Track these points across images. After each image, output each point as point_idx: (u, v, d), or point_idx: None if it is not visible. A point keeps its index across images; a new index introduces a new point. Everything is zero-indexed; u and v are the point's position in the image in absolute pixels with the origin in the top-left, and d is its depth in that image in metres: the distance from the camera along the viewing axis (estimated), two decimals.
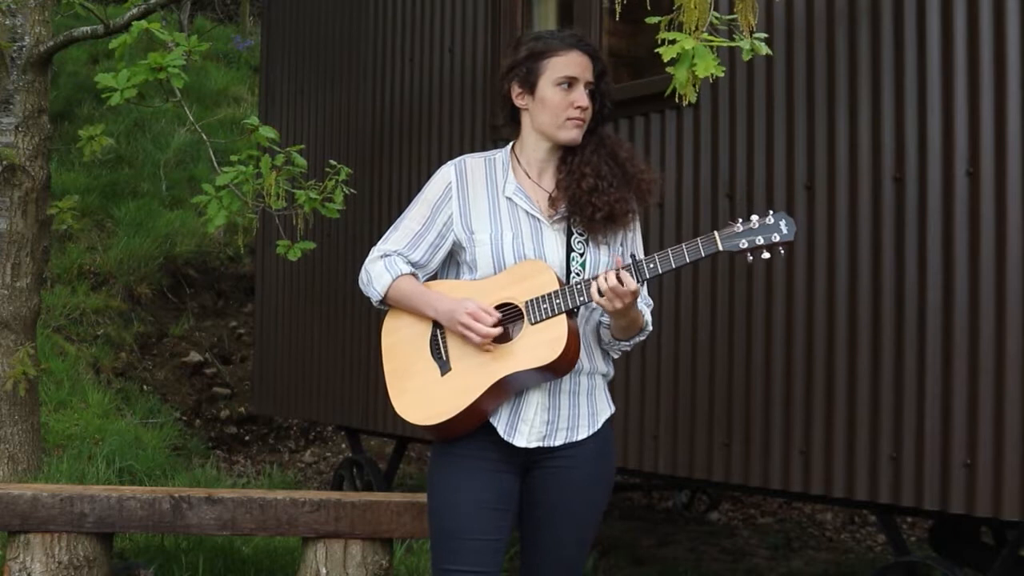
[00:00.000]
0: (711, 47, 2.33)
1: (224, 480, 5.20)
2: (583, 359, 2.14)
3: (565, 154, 2.17)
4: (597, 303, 2.01)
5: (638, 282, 2.00)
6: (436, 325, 2.14)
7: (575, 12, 3.83)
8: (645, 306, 2.19)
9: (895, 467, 2.86)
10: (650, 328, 2.19)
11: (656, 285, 3.52)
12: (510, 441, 2.10)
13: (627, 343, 2.17)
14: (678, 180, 3.47)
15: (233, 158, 3.80)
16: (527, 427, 2.11)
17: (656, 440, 3.48)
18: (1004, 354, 2.68)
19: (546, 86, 2.13)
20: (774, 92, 3.20)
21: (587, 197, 2.11)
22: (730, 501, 5.67)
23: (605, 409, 2.20)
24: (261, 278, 5.51)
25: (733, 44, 2.45)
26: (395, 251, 2.20)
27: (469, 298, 2.09)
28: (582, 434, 2.15)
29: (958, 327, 2.76)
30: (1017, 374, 2.66)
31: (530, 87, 2.15)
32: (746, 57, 2.49)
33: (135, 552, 3.78)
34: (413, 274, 2.18)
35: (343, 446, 6.33)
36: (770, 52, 2.54)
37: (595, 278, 2.02)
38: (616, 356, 2.23)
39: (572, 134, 2.15)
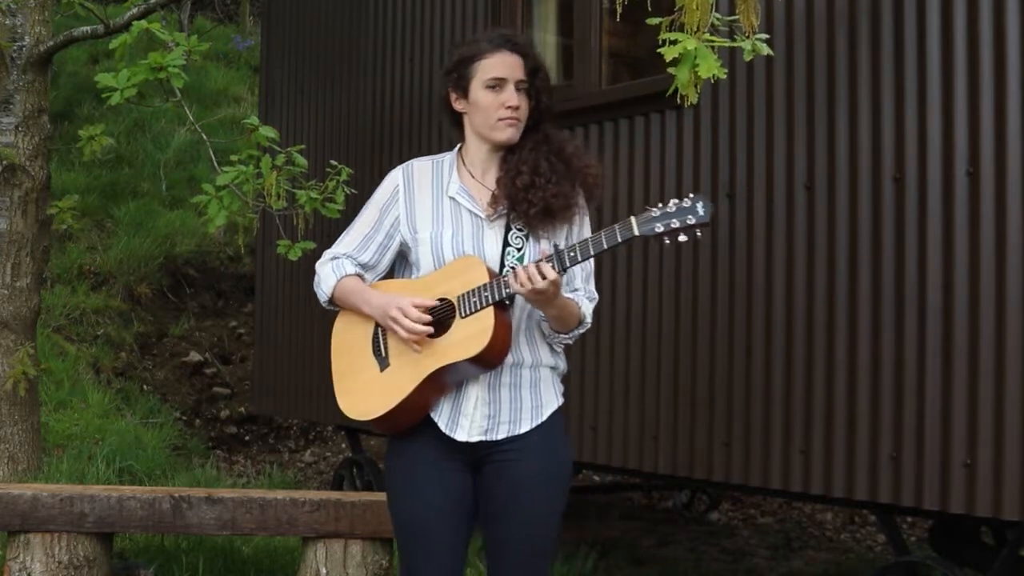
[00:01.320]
0: (713, 47, 2.34)
1: (224, 480, 5.20)
2: (524, 352, 2.17)
3: (506, 153, 2.22)
4: (519, 293, 2.04)
5: (561, 270, 2.02)
6: (378, 324, 2.20)
7: (575, 12, 3.83)
8: (588, 300, 2.22)
9: (895, 467, 2.85)
10: (588, 321, 2.20)
11: (655, 285, 3.52)
12: (451, 436, 2.15)
13: (566, 336, 2.20)
14: (678, 180, 3.47)
15: (233, 158, 3.79)
16: (467, 421, 2.15)
17: (656, 440, 3.48)
18: (1004, 354, 2.68)
19: (477, 89, 2.18)
20: (774, 92, 3.20)
21: (523, 194, 2.15)
22: (730, 501, 5.66)
23: (552, 402, 2.21)
24: (261, 278, 5.50)
25: (735, 44, 2.46)
26: (344, 254, 2.28)
27: (402, 294, 2.15)
28: (525, 427, 2.17)
29: (958, 327, 2.76)
30: (1017, 374, 2.66)
31: (464, 91, 2.21)
32: (747, 58, 2.49)
33: (135, 552, 3.78)
34: (360, 275, 2.26)
35: (343, 446, 6.33)
36: (771, 52, 2.54)
37: (514, 268, 2.06)
38: (559, 350, 2.25)
39: (507, 134, 2.19)
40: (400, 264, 2.30)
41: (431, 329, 2.11)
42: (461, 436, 2.15)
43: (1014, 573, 2.98)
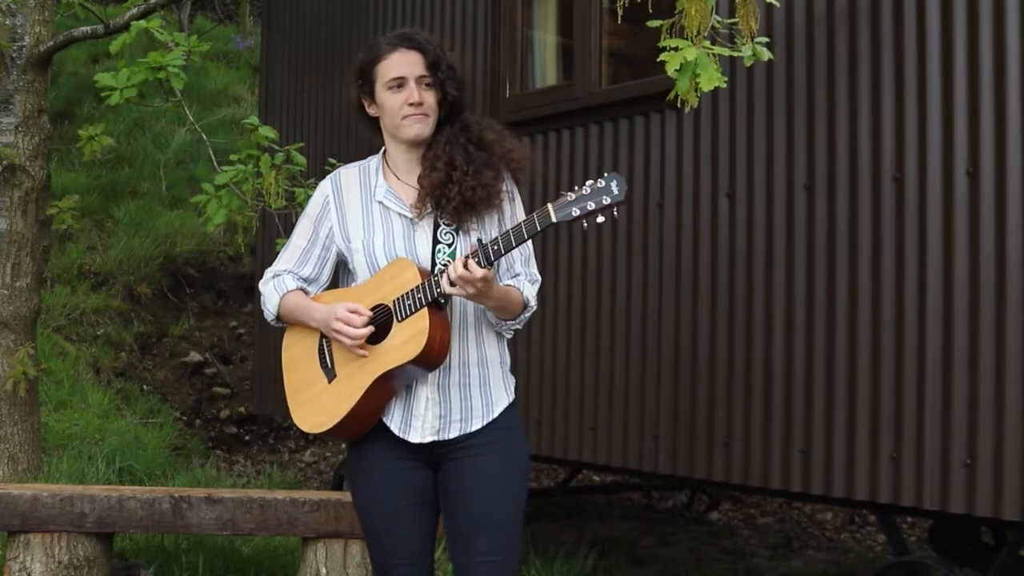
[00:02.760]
0: (713, 55, 2.34)
1: (224, 480, 5.19)
2: (470, 349, 2.18)
3: (426, 150, 2.22)
4: (451, 292, 2.04)
5: (487, 264, 2.02)
6: (323, 336, 2.22)
7: (575, 12, 3.83)
8: (530, 283, 2.21)
9: (895, 467, 2.85)
10: (533, 304, 2.20)
11: (655, 285, 3.51)
12: (404, 438, 2.16)
13: (514, 322, 2.20)
14: (678, 180, 3.47)
15: (233, 157, 3.79)
16: (419, 422, 2.16)
17: (656, 440, 3.48)
18: (1004, 353, 2.68)
19: (381, 92, 2.19)
20: (774, 92, 3.20)
21: (440, 189, 2.15)
22: (730, 501, 5.66)
23: (502, 398, 2.22)
24: (261, 278, 5.49)
25: (736, 54, 2.46)
26: (285, 270, 2.31)
27: (341, 304, 2.15)
28: (476, 425, 2.18)
29: (958, 326, 2.76)
30: (1017, 374, 2.65)
31: (371, 96, 2.22)
32: (747, 63, 2.49)
33: (135, 552, 3.77)
34: (302, 289, 2.28)
35: (343, 446, 6.32)
36: (772, 57, 2.54)
37: (445, 267, 2.06)
38: (509, 336, 2.25)
39: (414, 130, 2.19)
40: (344, 273, 2.31)
41: (371, 329, 2.11)
42: (414, 438, 2.16)
43: (1014, 573, 2.98)
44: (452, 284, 2.03)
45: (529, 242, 2.12)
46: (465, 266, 2.01)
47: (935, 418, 2.79)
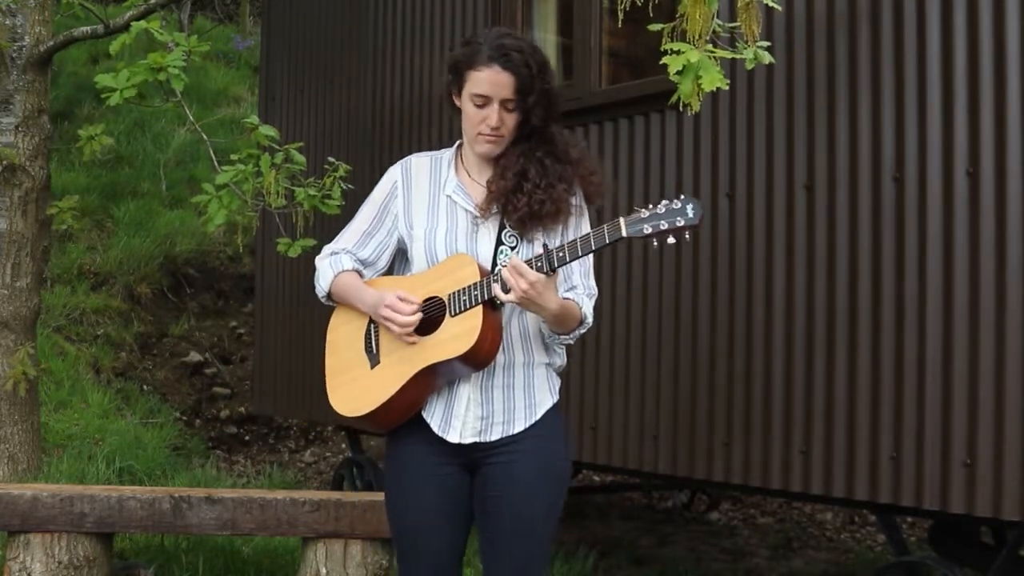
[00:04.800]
0: (715, 58, 2.33)
1: (224, 480, 5.19)
2: (517, 351, 2.15)
3: (499, 155, 2.20)
4: (505, 299, 2.02)
5: (550, 271, 2.00)
6: (371, 321, 2.19)
7: (575, 12, 3.83)
8: (587, 297, 2.19)
9: (895, 467, 2.85)
10: (589, 320, 2.17)
11: (655, 285, 3.51)
12: (444, 437, 2.13)
13: (567, 336, 2.17)
14: (678, 180, 3.46)
15: (233, 157, 3.79)
16: (459, 423, 2.13)
17: (656, 440, 3.48)
18: (1004, 353, 2.67)
19: (465, 98, 2.16)
20: (774, 92, 3.19)
21: (508, 196, 2.14)
22: (730, 501, 5.66)
23: (546, 400, 2.18)
24: (261, 277, 5.49)
25: (737, 56, 2.45)
26: (344, 249, 2.27)
27: (393, 291, 2.13)
28: (519, 427, 2.14)
29: (958, 327, 2.75)
30: (1017, 374, 2.65)
31: (459, 94, 2.19)
32: (749, 67, 2.49)
33: (135, 552, 3.77)
34: (358, 271, 2.25)
35: (343, 446, 6.32)
36: (773, 61, 2.53)
37: (503, 268, 2.04)
38: (560, 350, 2.23)
39: (482, 149, 2.18)
40: (400, 261, 2.29)
41: (420, 316, 2.09)
42: (453, 437, 2.14)
43: (1014, 573, 2.98)
44: (506, 290, 2.00)
45: (591, 255, 2.10)
46: (517, 268, 1.99)
47: (935, 418, 2.78)
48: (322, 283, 2.26)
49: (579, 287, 2.19)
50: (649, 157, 3.56)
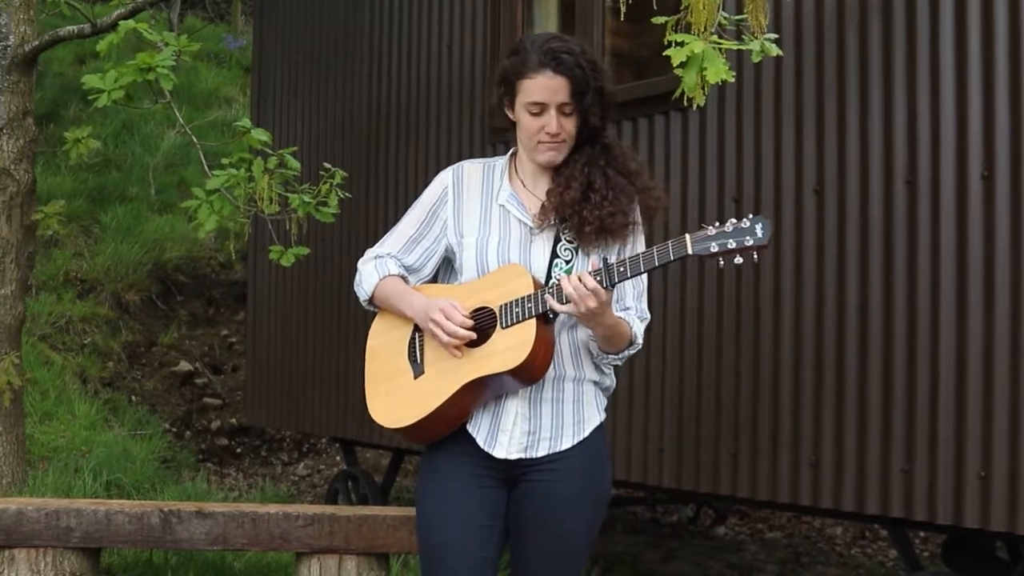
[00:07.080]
0: (720, 50, 2.29)
1: (215, 494, 5.17)
2: (567, 365, 2.11)
3: (560, 165, 2.15)
4: (561, 310, 1.98)
5: (609, 285, 1.96)
6: (416, 328, 2.14)
7: (576, 11, 3.79)
8: (639, 320, 2.15)
9: (907, 480, 2.82)
10: (639, 342, 2.14)
11: (660, 294, 3.45)
12: (490, 452, 2.09)
13: (616, 356, 2.13)
14: (683, 183, 3.43)
15: (224, 161, 3.74)
16: (506, 437, 2.09)
17: (661, 452, 3.44)
18: (1019, 362, 2.64)
19: (520, 108, 2.12)
20: (782, 92, 3.16)
21: (573, 208, 2.10)
22: (737, 515, 5.62)
23: (594, 417, 2.16)
24: (253, 285, 5.45)
25: (744, 47, 2.41)
26: (388, 253, 2.22)
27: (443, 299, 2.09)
28: (566, 443, 2.11)
29: (972, 335, 2.72)
30: None
31: (511, 105, 2.15)
32: (755, 59, 2.45)
33: (123, 568, 3.74)
34: (403, 277, 2.20)
35: (338, 459, 6.28)
36: (780, 53, 2.49)
37: (559, 279, 2.00)
38: (607, 371, 2.19)
39: (545, 157, 2.13)
40: (445, 270, 2.24)
41: (473, 335, 2.04)
42: (500, 453, 2.09)
43: None
44: (564, 301, 1.96)
45: (645, 276, 2.07)
46: (582, 281, 1.95)
47: (948, 429, 2.75)
48: (365, 287, 2.21)
49: (632, 309, 2.16)
50: (653, 160, 3.52)
